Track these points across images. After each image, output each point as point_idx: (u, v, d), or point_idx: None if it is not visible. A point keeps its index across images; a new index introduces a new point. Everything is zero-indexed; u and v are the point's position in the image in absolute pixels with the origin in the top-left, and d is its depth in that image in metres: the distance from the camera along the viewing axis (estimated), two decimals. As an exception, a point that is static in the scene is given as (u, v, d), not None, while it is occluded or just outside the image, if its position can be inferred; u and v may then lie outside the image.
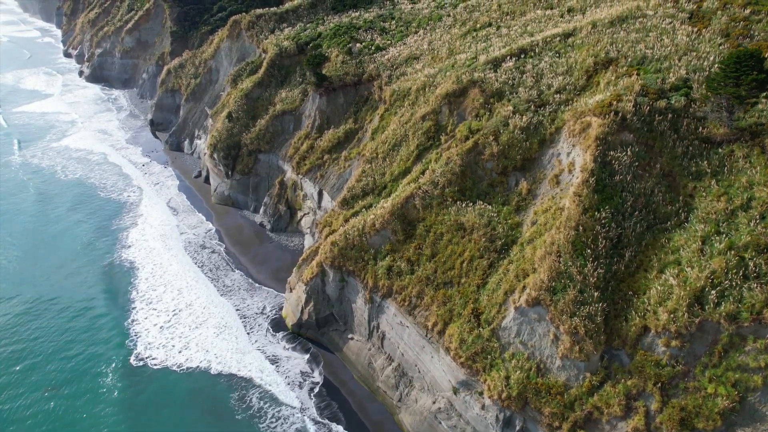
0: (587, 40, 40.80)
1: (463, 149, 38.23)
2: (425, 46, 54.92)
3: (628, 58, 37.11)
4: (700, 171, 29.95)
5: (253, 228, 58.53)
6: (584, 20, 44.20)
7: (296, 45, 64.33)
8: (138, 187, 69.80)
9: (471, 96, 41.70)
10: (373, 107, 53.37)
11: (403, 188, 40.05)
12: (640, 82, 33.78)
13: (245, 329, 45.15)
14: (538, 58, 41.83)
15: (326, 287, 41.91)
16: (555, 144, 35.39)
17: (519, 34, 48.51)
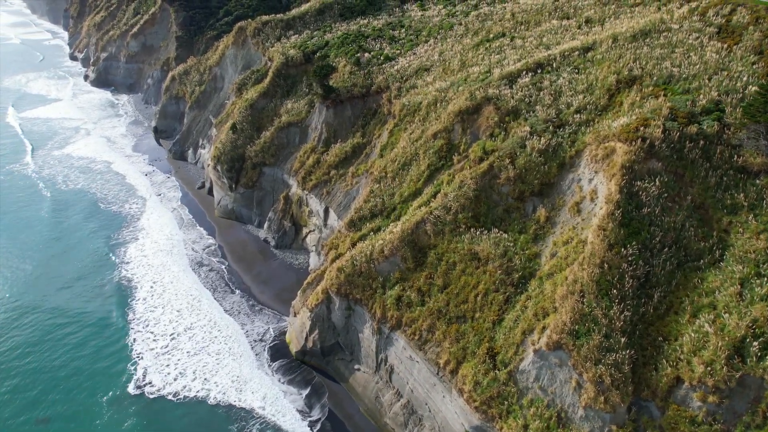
0: (608, 56, 38.65)
1: (477, 172, 36.12)
2: (436, 57, 52.85)
3: (653, 76, 34.92)
4: (735, 204, 27.84)
5: (257, 244, 56.63)
6: (604, 33, 42.02)
7: (303, 54, 62.43)
8: (141, 198, 68.15)
9: (485, 114, 39.66)
10: (381, 121, 51.31)
11: (414, 212, 38.00)
12: (668, 104, 31.63)
13: (247, 356, 43.27)
14: (555, 74, 39.74)
15: (332, 315, 39.97)
16: (575, 168, 33.24)
17: (534, 46, 46.41)
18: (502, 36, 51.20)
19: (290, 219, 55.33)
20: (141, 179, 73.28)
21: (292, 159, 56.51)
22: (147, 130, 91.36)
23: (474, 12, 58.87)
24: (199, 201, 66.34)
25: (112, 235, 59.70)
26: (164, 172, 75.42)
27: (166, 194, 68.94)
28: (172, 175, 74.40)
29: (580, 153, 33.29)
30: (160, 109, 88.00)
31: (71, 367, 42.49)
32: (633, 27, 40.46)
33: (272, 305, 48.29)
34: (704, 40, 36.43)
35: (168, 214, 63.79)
